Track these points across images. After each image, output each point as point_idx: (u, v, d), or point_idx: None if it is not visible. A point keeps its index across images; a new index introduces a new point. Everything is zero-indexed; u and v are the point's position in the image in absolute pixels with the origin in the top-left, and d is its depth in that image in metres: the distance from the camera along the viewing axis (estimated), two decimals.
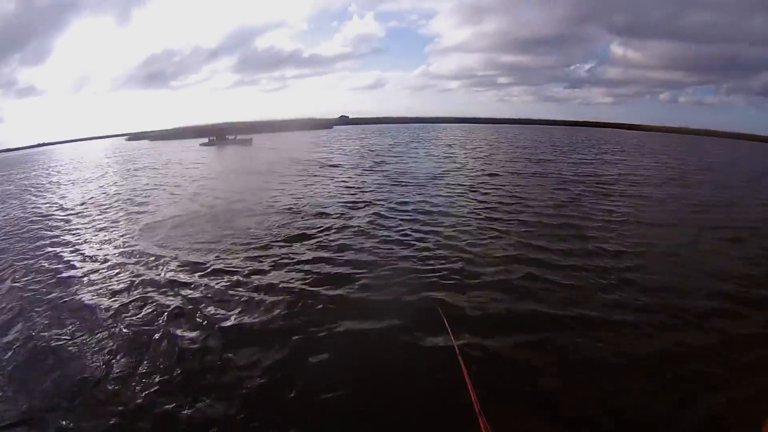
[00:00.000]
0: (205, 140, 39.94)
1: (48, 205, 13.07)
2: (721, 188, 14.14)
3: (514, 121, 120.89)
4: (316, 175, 15.79)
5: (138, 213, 10.64)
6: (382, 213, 9.61)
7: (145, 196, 13.08)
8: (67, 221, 10.42)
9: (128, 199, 12.94)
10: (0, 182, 21.91)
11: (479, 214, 9.50)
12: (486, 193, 11.99)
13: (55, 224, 10.19)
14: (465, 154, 24.00)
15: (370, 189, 12.58)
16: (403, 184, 13.46)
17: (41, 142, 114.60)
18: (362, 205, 10.39)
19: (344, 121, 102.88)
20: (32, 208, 12.76)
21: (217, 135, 40.07)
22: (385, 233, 7.98)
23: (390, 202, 10.62)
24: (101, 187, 16.31)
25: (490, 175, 15.51)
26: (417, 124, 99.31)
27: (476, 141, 36.86)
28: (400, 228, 8.35)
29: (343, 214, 9.64)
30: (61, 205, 12.76)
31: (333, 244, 7.47)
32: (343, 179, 14.59)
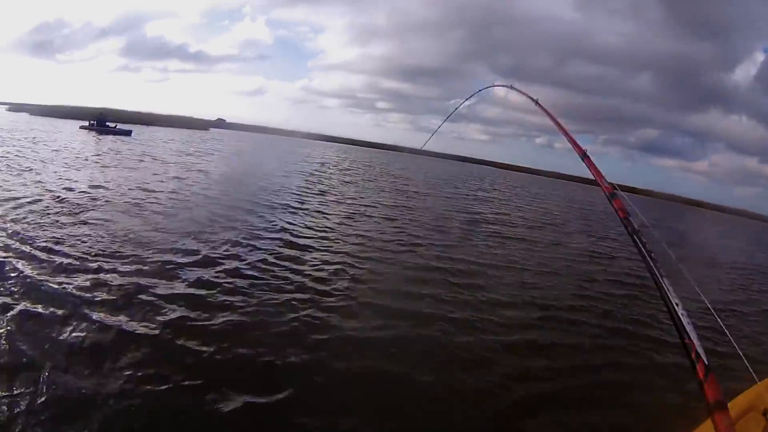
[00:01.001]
0: (86, 123, 40.19)
1: None
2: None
3: (388, 147, 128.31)
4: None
5: None
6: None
7: None
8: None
9: None
10: None
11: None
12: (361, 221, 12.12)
13: None
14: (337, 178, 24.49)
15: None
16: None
17: None
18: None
19: (221, 124, 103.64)
20: None
21: (97, 120, 39.70)
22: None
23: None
24: None
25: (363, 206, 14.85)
26: (293, 138, 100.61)
27: (350, 164, 39.83)
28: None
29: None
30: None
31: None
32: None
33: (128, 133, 38.98)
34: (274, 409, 3.63)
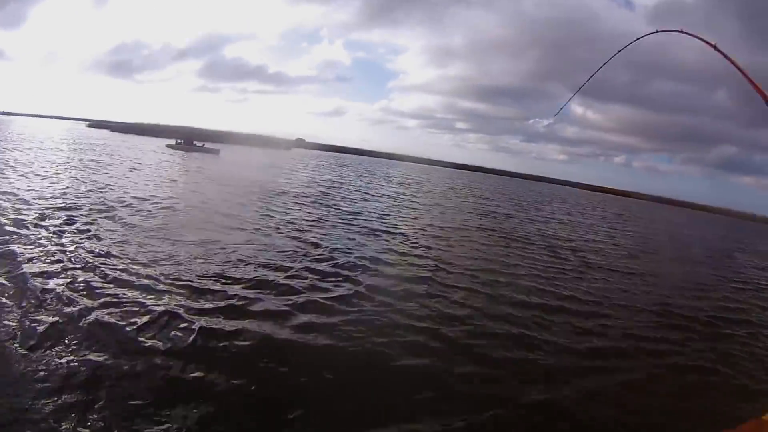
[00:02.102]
0: (172, 142, 39.71)
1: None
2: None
3: (467, 167, 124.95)
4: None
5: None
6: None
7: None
8: None
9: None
10: None
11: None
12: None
13: None
14: (418, 199, 23.06)
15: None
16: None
17: (2, 111, 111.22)
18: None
19: (301, 144, 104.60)
20: None
21: (185, 139, 39.55)
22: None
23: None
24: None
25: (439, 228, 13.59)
26: (372, 157, 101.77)
27: (431, 183, 38.61)
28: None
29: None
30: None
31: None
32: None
33: (216, 151, 37.03)
34: None
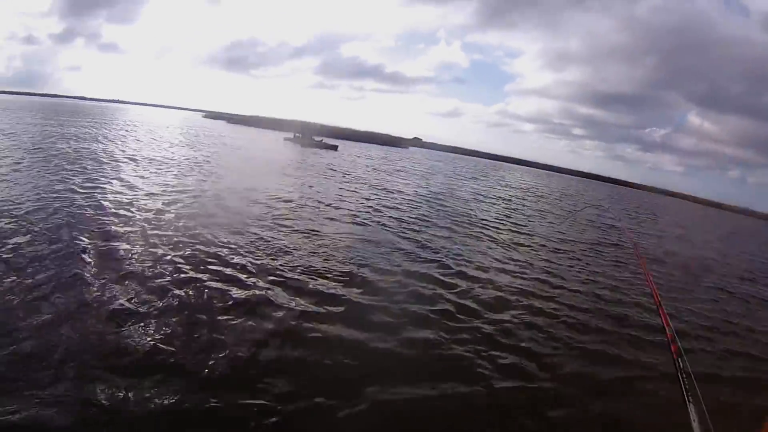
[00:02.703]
0: (290, 135, 39.78)
1: None
2: None
3: (583, 174, 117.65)
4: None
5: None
6: None
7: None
8: None
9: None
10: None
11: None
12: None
13: None
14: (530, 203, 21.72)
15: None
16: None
17: (116, 99, 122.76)
18: None
19: (418, 143, 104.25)
20: None
21: (303, 133, 39.41)
22: None
23: None
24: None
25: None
26: (488, 160, 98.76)
27: (547, 189, 35.90)
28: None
29: None
30: None
31: None
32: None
33: (335, 147, 36.52)
34: None
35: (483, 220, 13.13)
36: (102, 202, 8.31)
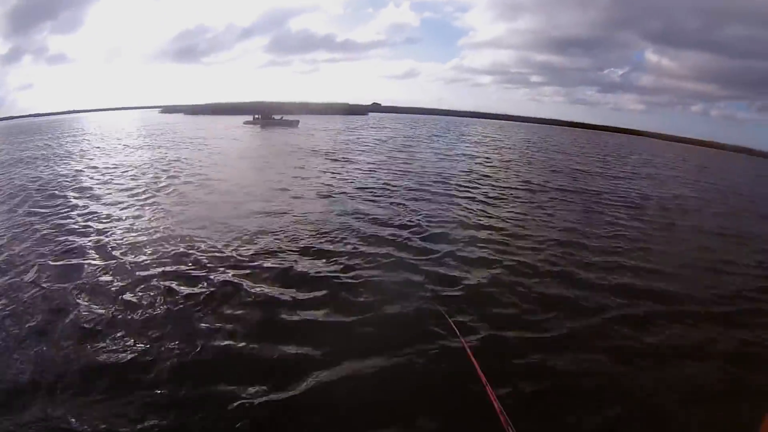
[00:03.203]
0: (249, 118, 39.82)
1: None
2: None
3: (545, 120, 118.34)
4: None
5: None
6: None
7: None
8: None
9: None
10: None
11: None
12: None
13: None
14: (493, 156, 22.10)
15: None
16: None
17: (71, 109, 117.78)
18: None
19: (376, 108, 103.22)
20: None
21: (262, 113, 39.50)
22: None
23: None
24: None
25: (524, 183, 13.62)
26: (449, 117, 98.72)
27: (509, 141, 35.96)
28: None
29: None
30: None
31: None
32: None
33: (295, 123, 35.95)
34: None
35: (446, 178, 13.54)
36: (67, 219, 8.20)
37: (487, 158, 20.23)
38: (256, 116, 39.67)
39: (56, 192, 10.52)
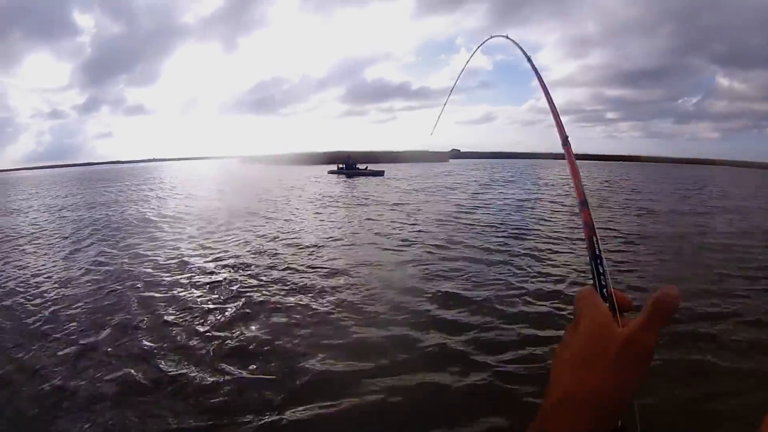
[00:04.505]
0: (334, 167, 40.95)
1: None
2: None
3: (623, 158, 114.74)
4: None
5: None
6: None
7: None
8: None
9: None
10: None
11: None
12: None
13: None
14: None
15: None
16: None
17: (151, 158, 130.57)
18: None
19: (456, 154, 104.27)
20: None
21: (345, 163, 39.97)
22: None
23: None
24: None
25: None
26: (528, 159, 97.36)
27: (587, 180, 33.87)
28: None
29: None
30: None
31: None
32: None
33: (381, 173, 36.18)
34: None
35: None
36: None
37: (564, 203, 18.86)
38: (340, 165, 40.33)
39: None
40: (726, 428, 3.38)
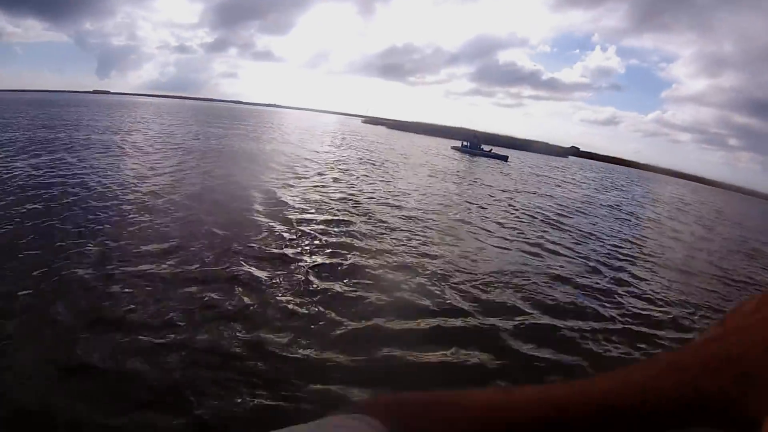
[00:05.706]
0: (457, 143, 40.03)
1: None
2: None
3: (736, 188, 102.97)
4: None
5: None
6: None
7: None
8: None
9: None
10: None
11: None
12: None
13: None
14: None
15: None
16: None
17: (273, 103, 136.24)
18: None
19: (575, 152, 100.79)
20: None
21: (470, 141, 38.81)
22: None
23: None
24: None
25: None
26: (645, 172, 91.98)
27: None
28: None
29: None
30: None
31: None
32: None
33: (504, 158, 35.70)
34: None
35: None
36: None
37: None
38: (465, 143, 39.47)
39: None
40: None
